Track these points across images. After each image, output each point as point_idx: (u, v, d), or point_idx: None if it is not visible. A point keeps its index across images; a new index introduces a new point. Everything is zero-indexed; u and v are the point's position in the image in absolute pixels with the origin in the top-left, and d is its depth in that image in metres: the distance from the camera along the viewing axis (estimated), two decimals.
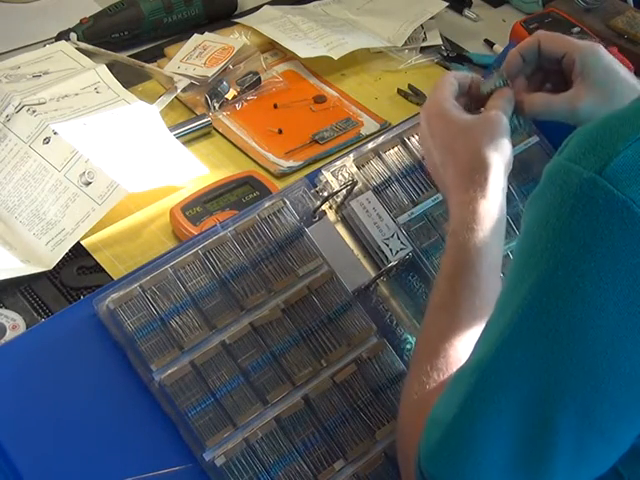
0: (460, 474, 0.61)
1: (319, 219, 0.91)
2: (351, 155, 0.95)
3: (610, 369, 0.57)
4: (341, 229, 0.92)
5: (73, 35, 1.29)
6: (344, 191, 0.92)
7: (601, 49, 0.88)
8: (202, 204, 1.03)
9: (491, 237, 0.77)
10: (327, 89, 1.29)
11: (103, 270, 0.99)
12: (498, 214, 0.78)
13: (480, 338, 0.64)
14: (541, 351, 0.57)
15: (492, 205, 0.78)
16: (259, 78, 1.27)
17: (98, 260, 1.00)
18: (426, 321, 0.77)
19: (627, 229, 0.54)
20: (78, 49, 1.27)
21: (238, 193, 1.06)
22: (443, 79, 0.87)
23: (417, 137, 0.97)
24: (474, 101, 0.90)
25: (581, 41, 0.89)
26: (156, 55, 1.32)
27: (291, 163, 1.15)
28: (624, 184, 0.54)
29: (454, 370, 0.69)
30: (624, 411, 0.59)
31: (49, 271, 0.98)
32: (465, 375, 0.63)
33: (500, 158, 0.81)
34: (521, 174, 0.97)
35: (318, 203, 0.91)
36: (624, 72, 0.88)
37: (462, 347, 0.72)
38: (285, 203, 0.90)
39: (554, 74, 0.91)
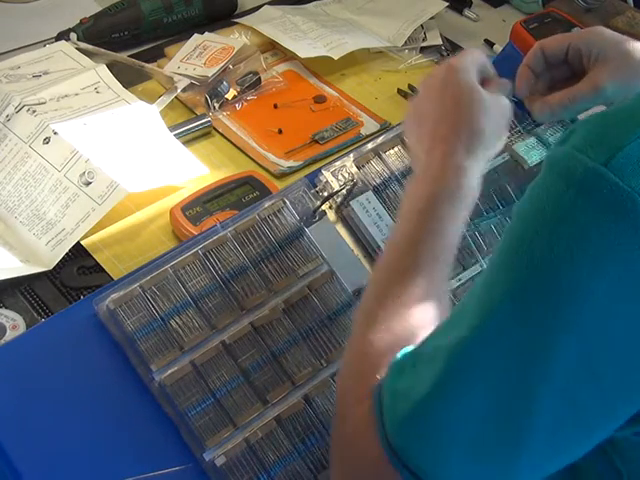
0: (431, 451, 0.60)
1: (319, 219, 0.91)
2: (351, 155, 0.95)
3: (597, 353, 0.57)
4: (341, 229, 0.92)
5: (73, 35, 1.30)
6: (344, 191, 0.92)
7: (603, 29, 0.89)
8: (202, 204, 1.03)
9: (467, 211, 0.77)
10: (327, 89, 1.29)
11: (103, 270, 0.99)
12: (478, 188, 0.78)
13: (456, 316, 0.63)
14: (528, 334, 0.57)
15: (477, 178, 0.78)
16: (259, 78, 1.27)
17: (98, 260, 1.00)
18: (378, 278, 0.75)
19: (630, 221, 0.54)
20: (78, 49, 1.27)
21: (238, 193, 1.06)
22: (473, 52, 0.86)
23: None
24: None
25: (582, 30, 0.90)
26: (156, 55, 1.32)
27: (291, 163, 1.15)
28: (630, 176, 0.54)
29: (409, 338, 0.68)
30: (607, 398, 0.58)
31: (49, 271, 0.98)
32: (438, 352, 0.61)
33: (495, 139, 0.80)
34: (520, 174, 0.97)
35: (318, 203, 0.91)
36: (633, 42, 0.87)
37: (418, 314, 0.70)
38: (285, 203, 0.90)
39: (562, 77, 0.91)
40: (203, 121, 1.19)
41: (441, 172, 0.77)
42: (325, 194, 0.92)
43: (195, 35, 1.32)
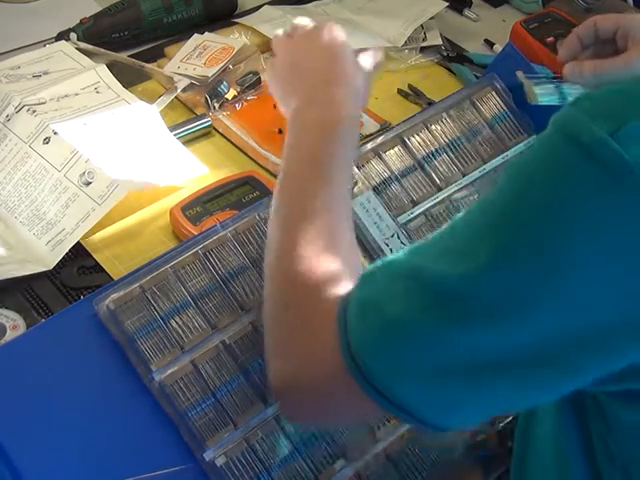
0: (396, 366, 0.61)
1: None
2: None
3: (576, 309, 0.57)
4: None
5: (73, 35, 1.29)
6: None
7: None
8: (202, 204, 1.03)
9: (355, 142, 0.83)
10: None
11: (103, 270, 0.99)
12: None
13: (442, 241, 0.64)
14: (513, 286, 0.58)
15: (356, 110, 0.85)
16: (259, 78, 1.27)
17: (98, 260, 1.00)
18: (289, 189, 0.79)
19: (631, 192, 0.55)
20: (78, 49, 1.27)
21: (238, 193, 1.05)
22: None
23: (417, 137, 0.97)
24: None
25: (632, 14, 0.94)
26: (156, 55, 1.32)
27: None
28: (634, 149, 0.55)
29: (340, 246, 0.72)
30: (579, 356, 0.59)
31: (49, 271, 0.98)
32: (412, 274, 0.62)
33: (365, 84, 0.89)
34: None
35: None
36: None
37: (339, 223, 0.75)
38: None
39: (605, 54, 0.96)
40: (203, 121, 1.19)
41: (335, 105, 0.83)
42: None
43: (195, 35, 1.32)
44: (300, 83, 0.87)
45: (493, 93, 1.04)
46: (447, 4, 1.45)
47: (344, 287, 0.67)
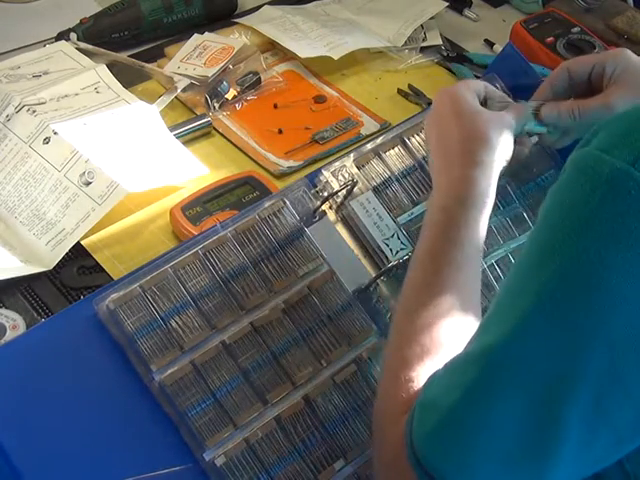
0: (459, 462, 0.59)
1: (319, 219, 0.91)
2: (351, 155, 0.95)
3: (629, 360, 0.56)
4: (341, 229, 0.92)
5: (73, 35, 1.29)
6: (344, 191, 0.92)
7: (628, 52, 0.91)
8: (202, 204, 1.03)
9: (482, 216, 0.78)
10: (327, 89, 1.29)
11: (103, 270, 0.99)
12: (491, 195, 0.79)
13: (486, 323, 0.63)
14: (558, 340, 0.57)
15: (487, 184, 0.79)
16: (259, 78, 1.27)
17: (98, 260, 1.00)
18: (406, 295, 0.76)
19: None
20: (78, 49, 1.27)
21: (238, 193, 1.06)
22: (467, 82, 0.89)
23: (417, 137, 0.97)
24: None
25: (608, 51, 0.91)
26: (156, 55, 1.32)
27: (291, 163, 1.15)
28: None
29: (439, 349, 0.68)
30: (638, 404, 0.58)
31: (49, 271, 0.98)
32: (469, 360, 0.61)
33: (501, 147, 0.82)
34: (521, 174, 0.97)
35: (318, 203, 0.91)
36: None
37: (447, 325, 0.71)
38: (285, 203, 0.90)
39: (582, 94, 0.93)
40: (203, 121, 1.19)
41: (451, 184, 0.79)
42: (325, 194, 0.92)
43: (195, 35, 1.32)
44: (439, 160, 0.84)
45: None
46: (447, 4, 1.45)
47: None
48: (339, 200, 0.92)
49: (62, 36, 1.30)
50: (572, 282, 0.56)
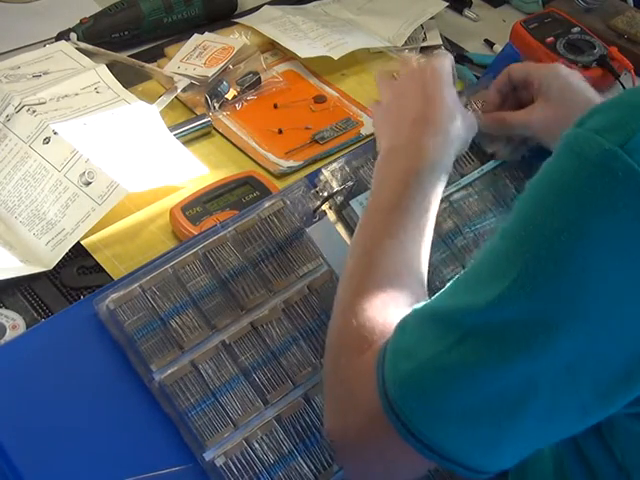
0: (426, 409, 0.62)
1: (319, 219, 0.91)
2: (351, 155, 0.95)
3: (602, 337, 0.57)
4: (341, 229, 0.92)
5: (73, 35, 1.29)
6: (344, 191, 0.92)
7: (560, 68, 0.94)
8: (202, 204, 1.03)
9: (442, 179, 0.83)
10: (327, 89, 1.29)
11: (103, 270, 0.98)
12: (450, 163, 0.85)
13: (466, 282, 0.64)
14: (538, 309, 0.58)
15: (451, 152, 0.85)
16: (259, 78, 1.27)
17: (98, 260, 1.00)
18: (365, 235, 0.80)
19: None
20: (78, 49, 1.27)
21: (238, 193, 1.05)
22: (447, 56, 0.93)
23: None
24: None
25: (545, 64, 0.96)
26: (156, 55, 1.32)
27: (291, 163, 1.15)
28: None
29: (398, 286, 0.73)
30: (605, 383, 0.59)
31: (49, 271, 0.98)
32: (446, 319, 0.62)
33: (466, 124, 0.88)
34: (519, 175, 0.97)
35: (318, 203, 0.91)
36: (583, 87, 0.92)
37: (404, 269, 0.76)
38: (285, 203, 0.90)
39: (527, 101, 0.97)
40: (203, 121, 1.19)
41: (421, 150, 0.82)
42: (325, 194, 0.92)
43: (195, 35, 1.32)
44: (392, 124, 0.88)
45: None
46: (447, 4, 1.45)
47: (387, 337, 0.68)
48: (339, 200, 0.92)
49: (62, 36, 1.30)
50: (555, 254, 0.57)
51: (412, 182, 0.80)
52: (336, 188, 0.92)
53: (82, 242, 1.01)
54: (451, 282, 0.66)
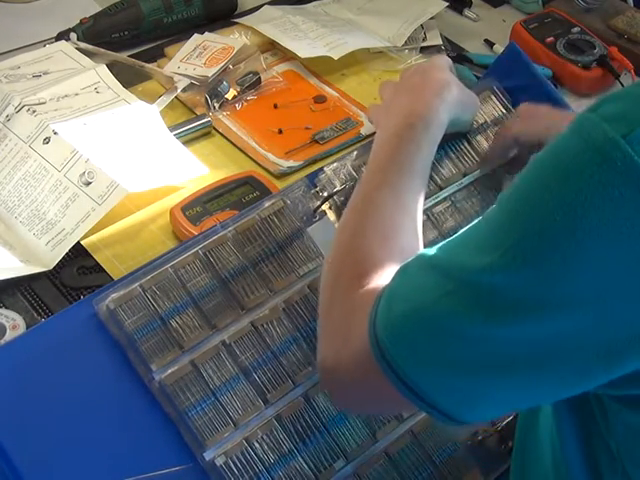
0: (414, 354, 0.64)
1: (319, 219, 0.91)
2: (351, 155, 0.95)
3: (589, 313, 0.58)
4: None
5: (73, 35, 1.29)
6: (344, 191, 0.92)
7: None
8: (202, 204, 1.03)
9: (435, 142, 0.87)
10: (327, 89, 1.29)
11: (103, 270, 0.98)
12: (442, 132, 0.88)
13: (464, 240, 0.65)
14: (525, 283, 0.59)
15: (445, 118, 0.88)
16: (259, 78, 1.27)
17: (98, 260, 1.00)
18: (362, 192, 0.82)
19: (639, 193, 0.55)
20: (78, 49, 1.27)
21: (238, 193, 1.05)
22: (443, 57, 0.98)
23: None
24: None
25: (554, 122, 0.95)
26: (156, 55, 1.32)
27: (291, 163, 1.15)
28: None
29: (400, 238, 0.77)
30: (588, 358, 0.60)
31: (49, 271, 0.98)
32: (447, 272, 0.63)
33: (465, 114, 0.94)
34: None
35: (318, 203, 0.91)
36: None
37: (404, 222, 0.79)
38: (285, 203, 0.90)
39: None
40: (203, 121, 1.19)
41: (414, 109, 0.87)
42: (325, 194, 0.92)
43: (195, 35, 1.32)
44: (389, 114, 0.90)
45: (493, 94, 1.04)
46: (447, 4, 1.45)
47: (387, 280, 0.70)
48: (339, 200, 0.92)
49: (62, 36, 1.30)
50: (551, 232, 0.58)
51: (406, 135, 0.85)
52: (336, 188, 0.92)
53: (82, 242, 1.01)
54: (457, 235, 0.67)
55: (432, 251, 0.67)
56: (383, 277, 0.72)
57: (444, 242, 0.67)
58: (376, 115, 0.97)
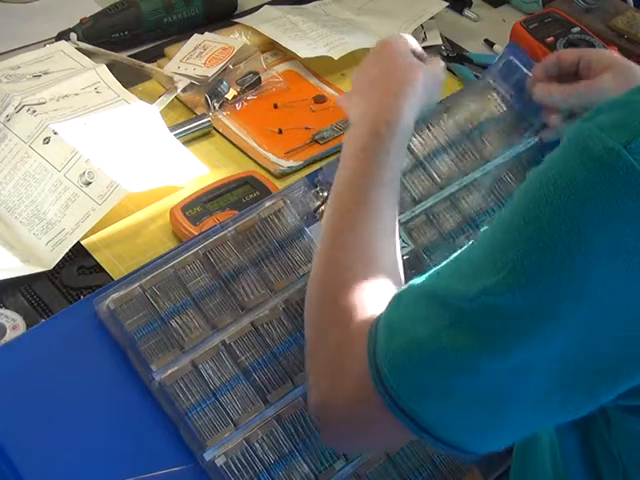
0: (415, 388, 0.63)
1: (319, 219, 0.91)
2: None
3: (595, 329, 0.57)
4: None
5: (73, 35, 1.29)
6: None
7: (614, 53, 0.97)
8: (202, 204, 1.03)
9: (404, 143, 0.85)
10: (327, 89, 1.29)
11: (103, 270, 0.98)
12: (411, 126, 0.86)
13: (463, 263, 0.64)
14: (529, 303, 0.58)
15: (411, 115, 0.86)
16: (259, 78, 1.27)
17: (98, 260, 1.00)
18: (337, 209, 0.80)
19: None
20: (78, 49, 1.27)
21: (238, 193, 1.05)
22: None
23: (417, 136, 0.97)
24: None
25: (595, 49, 1.01)
26: (156, 55, 1.32)
27: (291, 163, 1.15)
28: None
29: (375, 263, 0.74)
30: (592, 376, 0.60)
31: (49, 271, 0.98)
32: (441, 301, 0.62)
33: (428, 87, 0.90)
34: (522, 174, 0.97)
35: (318, 203, 0.91)
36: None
37: (381, 242, 0.77)
38: (285, 203, 0.90)
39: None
40: (203, 121, 1.19)
41: (379, 115, 0.84)
42: (325, 194, 0.92)
43: (195, 35, 1.32)
44: (354, 102, 0.89)
45: (493, 93, 1.04)
46: (447, 4, 1.45)
47: (377, 310, 0.68)
48: None
49: (62, 36, 1.30)
50: (547, 247, 0.57)
51: (372, 147, 0.82)
52: None
53: (82, 242, 1.01)
54: (449, 260, 0.66)
55: (426, 279, 0.66)
56: (370, 306, 0.70)
57: (436, 269, 0.66)
58: (344, 105, 0.94)
